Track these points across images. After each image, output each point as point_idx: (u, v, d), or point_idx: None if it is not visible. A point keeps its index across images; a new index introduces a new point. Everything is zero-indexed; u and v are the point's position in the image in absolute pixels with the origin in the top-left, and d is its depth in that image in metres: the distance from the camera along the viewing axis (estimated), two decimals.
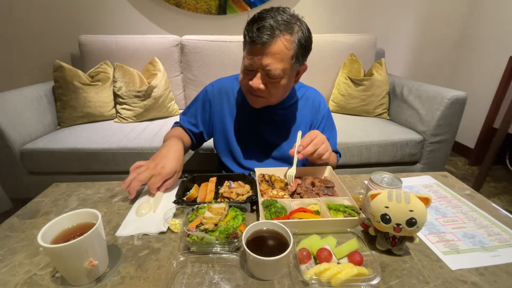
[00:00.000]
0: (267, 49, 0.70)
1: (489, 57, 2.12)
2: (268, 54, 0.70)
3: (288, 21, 0.70)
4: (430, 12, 2.21)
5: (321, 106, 0.95)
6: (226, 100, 0.93)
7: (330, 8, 2.12)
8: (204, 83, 1.88)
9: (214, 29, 2.09)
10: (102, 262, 0.49)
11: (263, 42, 0.69)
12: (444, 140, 1.58)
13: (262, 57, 0.71)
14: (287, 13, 0.71)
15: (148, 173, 0.70)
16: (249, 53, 0.73)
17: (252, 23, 0.70)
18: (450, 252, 0.55)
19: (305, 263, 0.50)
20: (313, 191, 0.71)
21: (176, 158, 0.75)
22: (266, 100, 0.80)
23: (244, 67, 0.77)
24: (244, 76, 0.78)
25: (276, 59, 0.71)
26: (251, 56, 0.72)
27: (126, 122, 1.72)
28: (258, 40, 0.68)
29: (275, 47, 0.70)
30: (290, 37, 0.70)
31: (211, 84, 0.97)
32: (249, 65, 0.74)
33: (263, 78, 0.75)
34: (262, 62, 0.71)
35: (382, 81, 1.80)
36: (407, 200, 0.50)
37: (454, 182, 0.82)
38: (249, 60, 0.73)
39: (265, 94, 0.78)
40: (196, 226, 0.55)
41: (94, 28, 1.99)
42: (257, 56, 0.71)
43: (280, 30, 0.69)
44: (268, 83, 0.76)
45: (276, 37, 0.69)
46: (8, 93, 1.45)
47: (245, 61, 0.75)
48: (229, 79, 0.97)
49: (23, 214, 0.66)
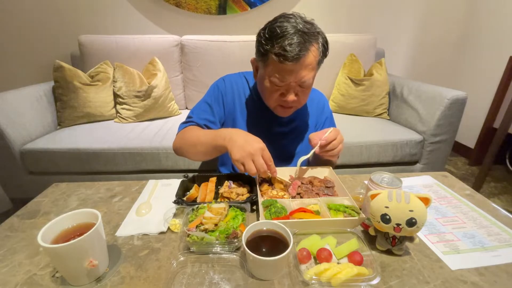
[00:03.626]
0: (301, 63, 0.69)
1: (489, 57, 2.12)
2: (302, 68, 0.70)
3: (312, 30, 0.69)
4: (430, 12, 2.21)
5: (325, 108, 0.97)
6: (238, 98, 0.91)
7: (330, 8, 2.12)
8: (204, 83, 1.91)
9: (214, 29, 2.09)
10: (102, 262, 0.49)
11: (298, 58, 0.67)
12: (444, 140, 1.58)
13: (297, 72, 0.70)
14: (303, 20, 0.70)
15: (266, 153, 0.67)
16: (281, 71, 0.70)
17: (278, 36, 0.67)
18: (450, 252, 0.55)
19: (305, 263, 0.50)
20: (313, 191, 0.71)
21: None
22: (295, 107, 0.81)
23: (272, 83, 0.74)
24: (273, 92, 0.76)
25: (308, 70, 0.71)
26: (283, 74, 0.70)
27: (126, 122, 1.72)
28: (292, 56, 0.67)
29: (308, 60, 0.69)
30: (316, 45, 0.70)
31: (222, 79, 0.93)
32: (282, 82, 0.72)
33: (294, 90, 0.74)
34: (297, 77, 0.71)
35: (382, 81, 1.80)
36: (407, 200, 0.50)
37: (454, 182, 0.82)
38: (281, 77, 0.71)
39: (296, 103, 0.78)
40: (196, 226, 0.55)
41: (94, 28, 1.99)
42: (291, 72, 0.70)
43: (310, 42, 0.68)
44: (299, 92, 0.76)
45: (308, 50, 0.68)
46: (8, 93, 1.45)
47: (275, 79, 0.72)
48: (239, 78, 0.93)
49: (23, 214, 0.66)
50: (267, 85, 0.76)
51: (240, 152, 0.65)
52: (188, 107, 2.03)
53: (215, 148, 0.73)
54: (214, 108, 0.88)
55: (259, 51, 0.73)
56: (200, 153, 0.79)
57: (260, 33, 0.73)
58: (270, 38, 0.69)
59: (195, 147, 0.78)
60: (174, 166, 1.47)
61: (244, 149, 0.65)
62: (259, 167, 0.64)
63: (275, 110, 0.82)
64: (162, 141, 1.46)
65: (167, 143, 1.44)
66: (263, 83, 0.77)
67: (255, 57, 0.79)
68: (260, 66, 0.77)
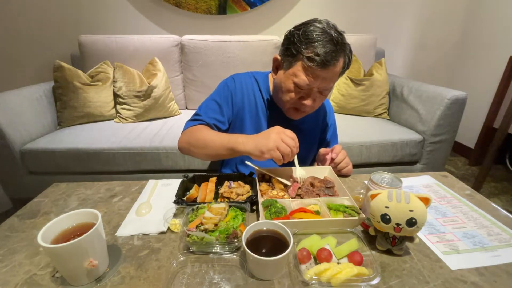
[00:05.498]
0: (328, 71, 0.70)
1: (489, 57, 2.12)
2: (329, 76, 0.71)
3: (343, 40, 0.69)
4: (430, 12, 2.21)
5: (330, 116, 0.98)
6: (247, 98, 0.89)
7: (330, 8, 2.12)
8: (204, 83, 1.91)
9: (214, 29, 2.09)
10: (102, 262, 0.49)
11: (328, 65, 0.68)
12: (444, 140, 1.58)
13: (324, 79, 0.71)
14: (335, 28, 0.70)
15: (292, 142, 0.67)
16: (308, 75, 0.71)
17: (312, 40, 0.68)
18: (450, 252, 0.55)
19: (305, 263, 0.50)
20: (313, 191, 0.71)
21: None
22: (307, 112, 0.81)
23: (296, 84, 0.74)
24: (292, 93, 0.76)
25: (333, 79, 0.72)
26: (309, 78, 0.71)
27: (126, 122, 1.72)
28: (322, 62, 0.67)
29: (335, 69, 0.71)
30: (344, 57, 0.71)
31: (231, 78, 0.91)
32: (306, 85, 0.72)
33: (314, 95, 0.75)
34: (322, 84, 0.72)
35: (382, 81, 1.80)
36: (407, 200, 0.50)
37: (454, 182, 0.82)
38: (307, 80, 0.71)
39: (311, 108, 0.78)
40: (196, 226, 0.55)
41: (94, 28, 1.99)
42: (318, 77, 0.70)
43: (340, 53, 0.69)
44: (317, 98, 0.76)
45: (337, 60, 0.69)
46: (8, 93, 1.45)
47: (300, 80, 0.72)
48: (248, 78, 0.92)
49: (23, 214, 0.66)
50: (289, 86, 0.75)
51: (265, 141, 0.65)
52: (188, 107, 2.03)
53: (229, 151, 0.72)
54: (224, 108, 0.86)
55: (289, 50, 0.73)
56: (210, 156, 0.79)
57: (294, 33, 0.72)
58: (304, 40, 0.69)
59: (205, 149, 0.77)
60: (174, 166, 1.47)
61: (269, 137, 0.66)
62: (289, 143, 0.65)
63: (287, 111, 0.82)
64: (162, 141, 1.46)
65: (167, 143, 1.44)
66: (285, 82, 0.76)
67: (280, 56, 0.78)
68: (285, 65, 0.77)
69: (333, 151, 0.83)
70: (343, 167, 0.83)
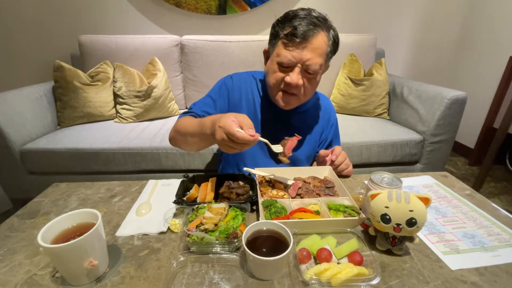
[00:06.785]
0: (309, 43, 0.70)
1: (489, 57, 2.12)
2: (309, 48, 0.71)
3: (325, 19, 0.72)
4: (430, 12, 2.21)
5: (331, 115, 0.97)
6: (245, 97, 0.89)
7: (330, 8, 2.12)
8: (204, 83, 1.91)
9: (214, 29, 2.09)
10: (102, 262, 0.49)
11: (305, 36, 0.69)
12: (444, 140, 1.58)
13: (303, 51, 0.71)
14: (319, 12, 0.73)
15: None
16: (289, 47, 0.72)
17: (290, 19, 0.71)
18: (450, 252, 0.55)
19: (305, 263, 0.50)
20: (313, 191, 0.71)
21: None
22: (298, 98, 0.79)
23: (279, 63, 0.74)
24: (277, 73, 0.76)
25: (316, 53, 0.72)
26: (291, 49, 0.71)
27: (126, 122, 1.72)
28: (300, 34, 0.69)
29: (316, 42, 0.71)
30: (327, 33, 0.72)
31: (229, 77, 0.91)
32: (288, 60, 0.72)
33: (299, 73, 0.74)
34: (303, 56, 0.71)
35: (382, 81, 1.80)
36: (407, 200, 0.50)
37: (454, 182, 0.82)
38: (288, 55, 0.71)
39: (299, 91, 0.77)
40: (196, 226, 0.55)
41: (94, 28, 1.99)
42: (298, 50, 0.71)
43: (320, 26, 0.71)
44: (305, 80, 0.75)
45: (318, 32, 0.70)
46: (8, 93, 1.45)
47: (282, 57, 0.73)
48: (248, 77, 0.92)
49: (23, 214, 0.66)
50: (274, 67, 0.76)
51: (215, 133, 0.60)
52: (188, 107, 2.02)
53: (202, 135, 0.69)
54: (218, 102, 0.87)
55: (271, 35, 0.75)
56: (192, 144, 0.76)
57: (276, 20, 0.75)
58: (283, 21, 0.72)
59: (186, 136, 0.76)
60: (174, 166, 1.47)
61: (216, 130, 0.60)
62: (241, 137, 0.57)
63: (277, 100, 0.80)
64: (162, 141, 1.46)
65: (167, 143, 1.42)
66: (271, 66, 0.78)
67: (268, 46, 0.81)
68: (270, 51, 0.79)
69: (333, 152, 0.83)
70: (343, 169, 0.83)
